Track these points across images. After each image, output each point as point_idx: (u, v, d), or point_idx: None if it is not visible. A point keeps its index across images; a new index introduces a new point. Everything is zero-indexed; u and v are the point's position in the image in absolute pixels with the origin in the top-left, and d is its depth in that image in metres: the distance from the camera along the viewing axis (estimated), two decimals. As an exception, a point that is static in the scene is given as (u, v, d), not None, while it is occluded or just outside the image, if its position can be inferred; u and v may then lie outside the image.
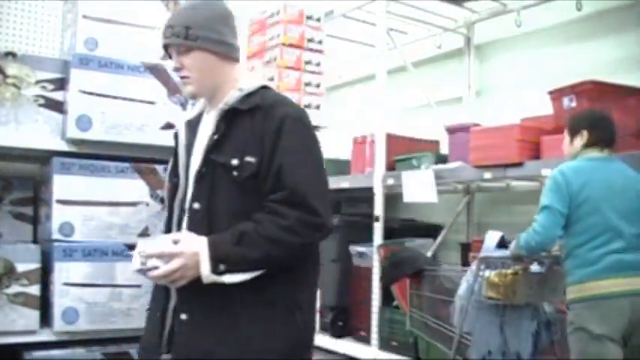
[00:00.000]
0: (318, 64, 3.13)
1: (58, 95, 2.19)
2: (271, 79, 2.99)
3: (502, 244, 3.15)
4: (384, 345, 4.69)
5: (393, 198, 5.10)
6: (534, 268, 3.01)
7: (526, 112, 4.44)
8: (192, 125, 1.85)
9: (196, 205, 1.70)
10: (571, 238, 2.69)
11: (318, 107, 3.11)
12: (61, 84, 2.20)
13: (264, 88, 1.80)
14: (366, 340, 4.88)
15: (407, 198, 4.58)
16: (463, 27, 5.68)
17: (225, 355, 1.62)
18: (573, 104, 3.86)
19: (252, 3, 3.18)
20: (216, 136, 1.71)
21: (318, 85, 3.12)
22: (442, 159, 4.86)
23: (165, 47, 1.80)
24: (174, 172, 1.85)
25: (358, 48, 6.53)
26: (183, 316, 1.68)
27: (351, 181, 5.40)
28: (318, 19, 3.15)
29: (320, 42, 3.15)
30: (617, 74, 4.16)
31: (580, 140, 2.84)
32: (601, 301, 2.56)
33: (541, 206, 2.74)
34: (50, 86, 2.19)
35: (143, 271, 1.64)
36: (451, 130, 4.87)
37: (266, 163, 1.65)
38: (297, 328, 1.69)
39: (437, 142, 5.40)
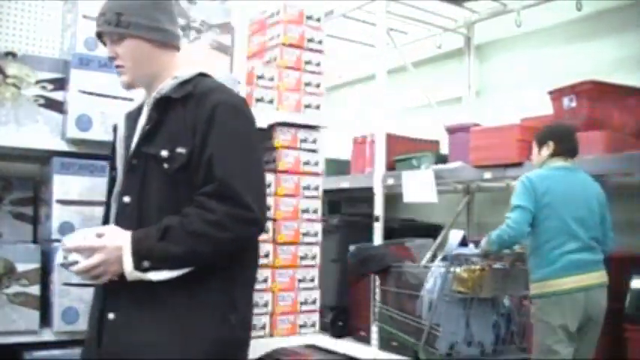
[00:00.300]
0: (318, 64, 3.12)
1: (58, 95, 2.19)
2: (271, 79, 2.99)
3: (463, 242, 3.45)
4: (384, 345, 4.69)
5: (393, 198, 5.11)
6: (499, 264, 3.30)
7: (526, 112, 4.45)
8: (133, 117, 1.77)
9: (126, 199, 1.64)
10: (533, 238, 3.04)
11: (318, 107, 3.10)
12: (61, 84, 2.20)
13: (201, 75, 1.71)
14: (366, 340, 4.88)
15: (407, 198, 4.58)
16: (463, 27, 5.68)
17: (150, 356, 1.55)
18: (573, 104, 3.86)
19: (252, 3, 3.18)
20: (147, 127, 1.65)
21: (318, 85, 3.11)
22: (442, 159, 4.86)
23: (99, 35, 1.73)
24: (113, 166, 1.79)
25: (358, 48, 6.53)
26: (111, 315, 1.61)
27: (351, 181, 5.40)
28: (318, 19, 3.15)
29: (320, 42, 3.14)
30: (617, 74, 4.17)
31: (546, 150, 3.16)
32: (560, 296, 2.93)
33: (513, 206, 3.05)
34: (50, 86, 2.18)
35: (65, 266, 1.57)
36: (451, 130, 4.87)
37: (197, 154, 1.57)
38: (231, 327, 1.60)
39: (437, 142, 5.41)
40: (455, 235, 3.51)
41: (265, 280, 2.87)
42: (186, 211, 1.55)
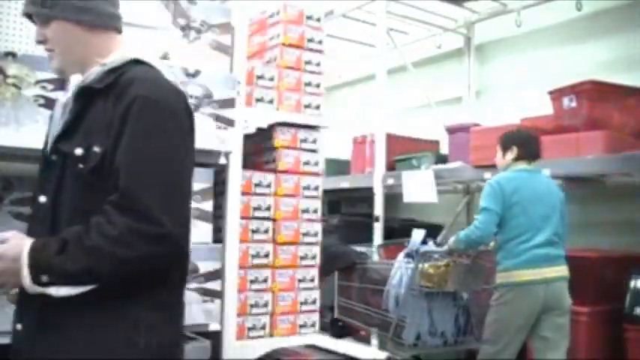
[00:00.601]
0: (318, 64, 3.13)
1: (58, 95, 2.19)
2: (271, 79, 2.99)
3: (424, 241, 3.68)
4: (384, 345, 4.68)
5: (393, 198, 5.10)
6: (462, 260, 3.58)
7: (526, 112, 4.44)
8: (67, 107, 1.58)
9: (42, 199, 1.48)
10: (502, 234, 3.27)
11: (318, 107, 3.11)
12: (61, 84, 2.20)
13: (136, 62, 1.51)
14: (366, 340, 4.87)
15: (407, 198, 4.58)
16: (463, 27, 5.68)
17: None
18: (573, 104, 3.86)
19: (252, 3, 3.18)
20: (67, 120, 1.49)
21: (318, 85, 3.12)
22: (442, 159, 4.86)
23: (30, 17, 1.57)
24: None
25: (358, 48, 6.53)
26: (18, 326, 1.48)
27: (351, 181, 5.40)
28: (318, 19, 3.15)
29: (320, 42, 3.14)
30: (617, 74, 4.16)
31: (510, 155, 3.41)
32: (522, 286, 3.17)
33: (481, 208, 3.27)
34: (50, 86, 2.18)
35: None
36: (451, 130, 4.87)
37: (109, 154, 1.38)
38: (140, 352, 1.40)
39: (437, 142, 5.41)
40: (417, 234, 3.70)
41: (265, 280, 2.87)
42: (92, 220, 1.36)
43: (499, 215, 3.21)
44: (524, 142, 3.42)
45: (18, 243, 1.38)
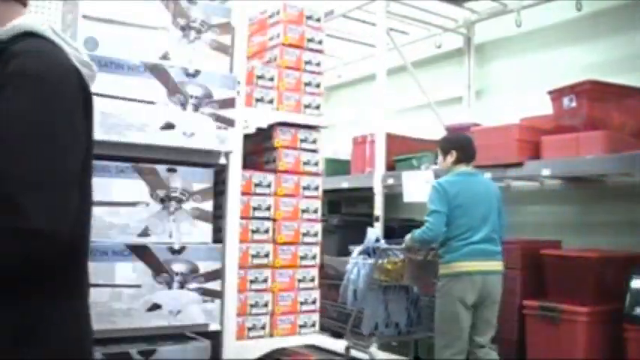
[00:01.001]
0: (318, 64, 3.13)
1: None
2: (271, 79, 2.99)
3: (377, 239, 4.10)
4: (384, 345, 4.68)
5: (393, 198, 5.10)
6: (416, 256, 3.93)
7: (526, 112, 4.44)
8: None
9: None
10: (446, 232, 3.56)
11: (318, 107, 3.11)
12: (61, 84, 2.20)
13: (29, 35, 1.33)
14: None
15: (407, 198, 4.58)
16: (463, 27, 5.68)
17: None
18: (573, 104, 3.86)
19: (252, 3, 3.18)
20: None
21: (318, 85, 3.12)
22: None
23: None
24: None
25: (358, 48, 6.53)
26: None
27: (351, 181, 5.40)
28: (318, 19, 3.15)
29: (320, 42, 3.14)
30: (617, 74, 4.16)
31: (450, 158, 3.73)
32: (462, 276, 3.50)
33: (430, 210, 3.56)
34: (50, 86, 2.18)
35: None
36: (451, 130, 4.87)
37: None
38: None
39: (437, 142, 5.40)
40: (372, 233, 4.14)
41: (265, 280, 2.87)
42: None
43: (447, 215, 3.53)
44: (462, 146, 3.75)
45: None
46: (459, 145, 3.77)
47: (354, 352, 4.56)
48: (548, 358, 3.74)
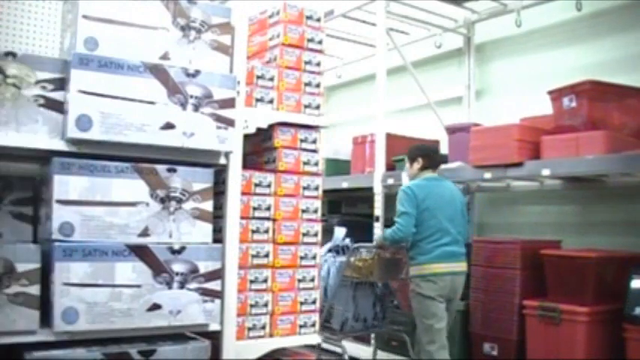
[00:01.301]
0: (318, 64, 3.12)
1: (58, 95, 2.19)
2: (271, 79, 2.99)
3: (344, 238, 4.40)
4: (384, 345, 4.69)
5: (393, 198, 5.10)
6: (385, 254, 4.19)
7: (526, 112, 4.45)
8: None
9: None
10: (415, 234, 3.84)
11: (318, 107, 3.11)
12: (60, 84, 2.20)
13: None
14: (366, 340, 4.87)
15: (407, 198, 4.58)
16: (463, 27, 5.68)
17: None
18: (573, 104, 3.86)
19: (252, 3, 3.18)
20: None
21: (318, 85, 3.11)
22: (442, 159, 4.85)
23: None
24: None
25: (358, 48, 6.53)
26: None
27: (351, 181, 5.40)
28: (318, 19, 3.15)
29: (320, 42, 3.14)
30: (617, 74, 4.17)
31: (417, 165, 4.02)
32: (432, 277, 3.78)
33: (400, 212, 3.82)
34: (50, 86, 2.18)
35: None
36: (451, 130, 4.87)
37: None
38: None
39: (437, 142, 5.41)
40: (339, 231, 4.39)
41: (265, 280, 2.87)
42: None
43: (415, 217, 3.80)
44: (428, 154, 4.05)
45: None
46: (425, 153, 4.05)
47: (355, 353, 4.65)
48: (548, 358, 3.74)
